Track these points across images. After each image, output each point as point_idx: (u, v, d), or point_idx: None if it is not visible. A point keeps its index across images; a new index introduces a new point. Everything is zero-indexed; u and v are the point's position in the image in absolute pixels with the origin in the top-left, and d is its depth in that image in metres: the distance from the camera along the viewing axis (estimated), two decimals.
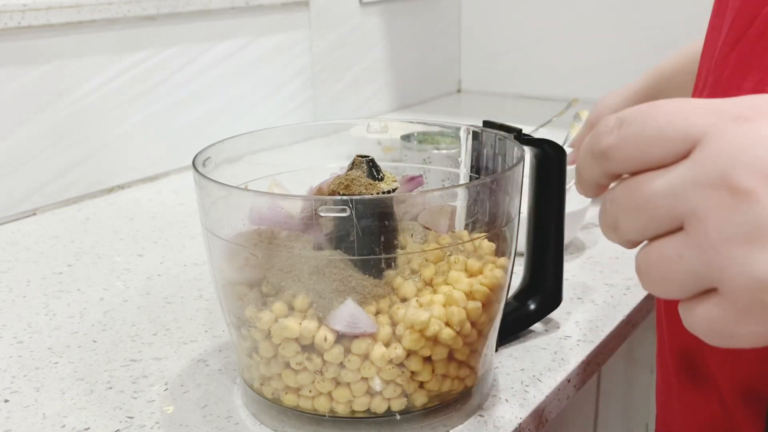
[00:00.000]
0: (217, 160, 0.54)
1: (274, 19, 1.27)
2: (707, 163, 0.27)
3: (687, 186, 0.27)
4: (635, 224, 0.29)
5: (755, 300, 0.26)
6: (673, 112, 0.28)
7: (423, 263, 0.48)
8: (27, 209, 0.98)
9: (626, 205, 0.29)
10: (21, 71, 0.95)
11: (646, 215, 0.28)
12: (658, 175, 0.28)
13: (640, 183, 0.28)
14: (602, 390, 0.83)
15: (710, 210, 0.27)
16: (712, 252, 0.26)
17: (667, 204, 0.28)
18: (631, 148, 0.29)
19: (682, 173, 0.27)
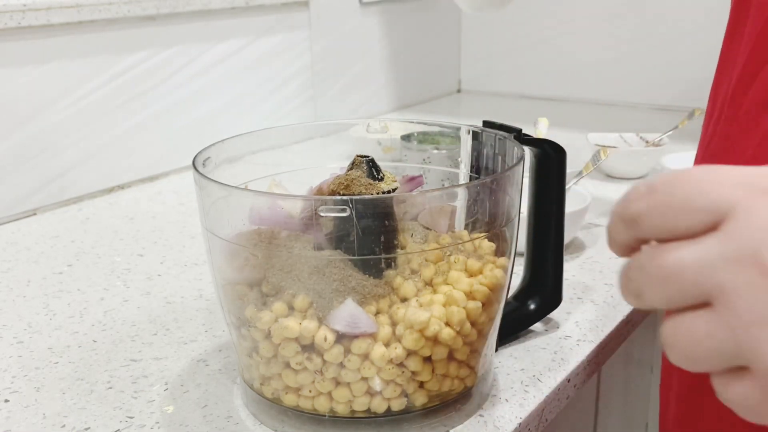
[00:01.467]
0: (217, 160, 0.54)
1: (274, 19, 1.27)
2: (737, 239, 0.26)
3: (716, 261, 0.27)
4: (661, 295, 0.28)
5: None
6: (702, 180, 0.28)
7: (423, 263, 0.48)
8: (27, 209, 0.98)
9: (653, 275, 0.28)
10: (21, 71, 0.95)
11: (673, 287, 0.28)
12: (687, 246, 0.28)
13: (668, 253, 0.28)
14: (602, 390, 0.83)
15: (740, 289, 0.26)
16: (743, 332, 0.26)
17: (695, 278, 0.27)
18: (659, 217, 0.28)
19: (711, 247, 0.27)
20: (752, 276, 0.26)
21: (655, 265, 0.28)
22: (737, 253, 0.26)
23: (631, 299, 0.30)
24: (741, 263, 0.26)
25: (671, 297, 0.28)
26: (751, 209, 0.27)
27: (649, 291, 0.29)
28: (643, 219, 0.29)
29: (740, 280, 0.26)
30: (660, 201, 0.28)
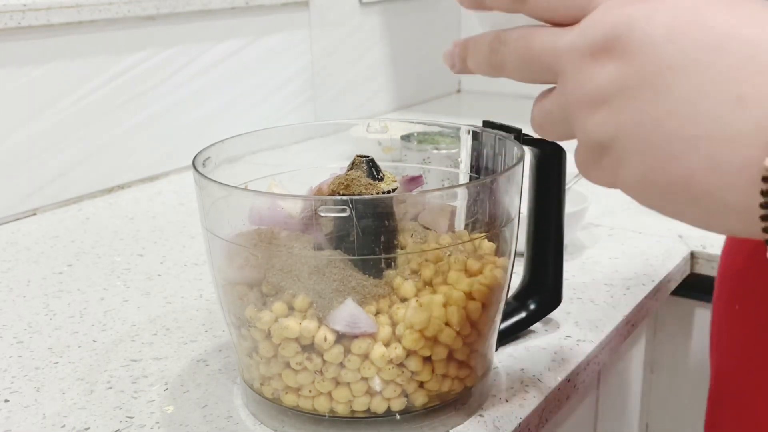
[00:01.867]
0: (217, 160, 0.54)
1: (274, 19, 1.27)
2: (583, 33, 0.31)
3: (564, 48, 0.32)
4: (522, 72, 0.34)
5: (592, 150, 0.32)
6: None
7: (423, 263, 0.48)
8: (27, 209, 0.98)
9: (517, 55, 0.34)
10: (21, 71, 0.95)
11: (532, 67, 0.34)
12: (551, 34, 0.33)
13: (534, 37, 0.34)
14: (602, 390, 0.83)
15: (571, 74, 0.32)
16: (568, 110, 0.32)
17: (549, 61, 0.33)
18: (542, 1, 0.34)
19: (566, 36, 0.32)
20: (583, 63, 0.31)
21: (523, 45, 0.34)
22: (580, 42, 0.31)
23: (489, 69, 0.36)
24: (579, 52, 0.31)
25: (529, 74, 0.34)
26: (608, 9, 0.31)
27: (512, 66, 0.35)
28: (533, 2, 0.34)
29: (574, 65, 0.31)
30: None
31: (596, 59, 0.31)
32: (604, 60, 0.30)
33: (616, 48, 0.30)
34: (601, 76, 0.30)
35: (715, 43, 0.28)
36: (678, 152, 0.28)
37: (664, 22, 0.29)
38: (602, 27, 0.31)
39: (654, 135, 0.29)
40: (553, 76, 0.33)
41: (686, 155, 0.28)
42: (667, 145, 0.29)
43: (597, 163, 0.32)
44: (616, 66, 0.30)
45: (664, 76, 0.29)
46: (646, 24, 0.29)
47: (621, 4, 0.31)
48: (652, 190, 0.30)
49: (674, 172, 0.29)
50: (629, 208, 0.94)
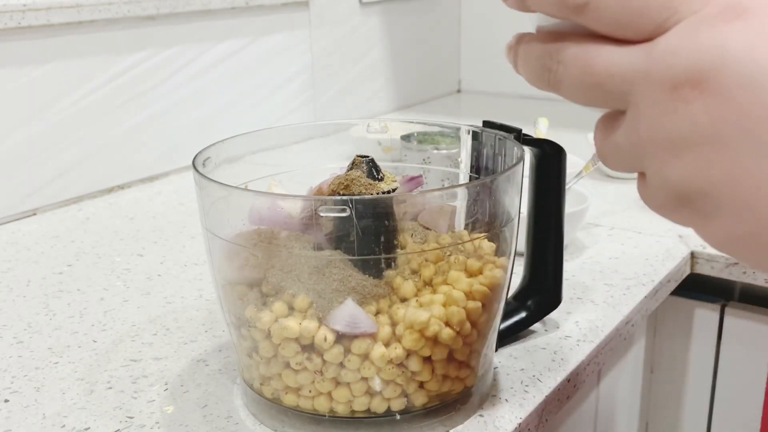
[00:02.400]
0: (217, 160, 0.54)
1: (274, 19, 1.27)
2: (662, 59, 0.26)
3: (638, 77, 0.27)
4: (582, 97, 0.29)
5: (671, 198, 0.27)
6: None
7: (423, 263, 0.48)
8: (27, 209, 0.98)
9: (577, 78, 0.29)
10: (21, 71, 0.95)
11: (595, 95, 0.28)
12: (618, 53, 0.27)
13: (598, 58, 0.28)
14: (602, 390, 0.83)
15: (646, 108, 0.27)
16: (641, 149, 0.28)
17: (618, 90, 0.28)
18: (607, 13, 0.27)
19: (640, 61, 0.27)
20: (662, 99, 0.26)
21: (580, 66, 0.28)
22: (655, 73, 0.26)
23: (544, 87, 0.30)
24: (657, 84, 0.26)
25: (591, 101, 0.29)
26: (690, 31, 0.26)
27: (569, 88, 0.29)
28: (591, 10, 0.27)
29: (650, 99, 0.26)
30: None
31: (679, 95, 0.26)
32: (690, 97, 0.25)
33: (706, 84, 0.25)
34: (685, 115, 0.26)
35: None
36: None
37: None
38: (688, 56, 0.25)
39: (756, 195, 0.25)
40: (622, 105, 0.28)
41: None
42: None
43: (676, 210, 0.28)
44: (705, 106, 0.25)
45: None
46: (746, 57, 0.24)
47: (711, 22, 0.25)
48: (748, 251, 0.27)
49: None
50: (629, 208, 0.94)
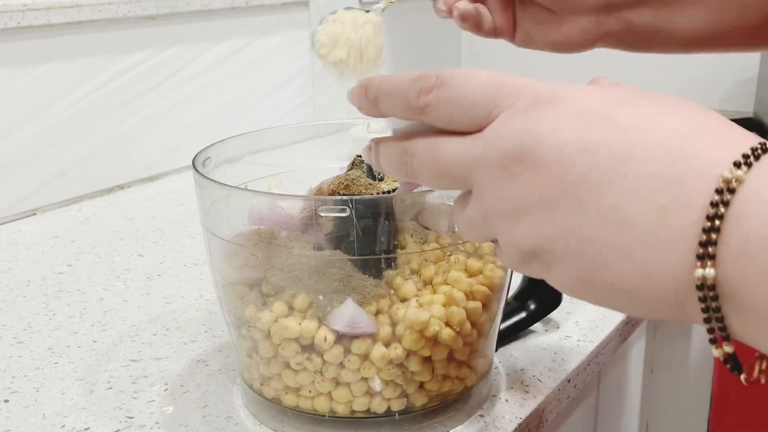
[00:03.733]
0: (217, 160, 0.54)
1: (274, 19, 1.26)
2: (491, 145, 0.31)
3: (475, 161, 0.32)
4: (435, 183, 0.34)
5: (519, 256, 0.32)
6: (486, 87, 0.32)
7: (423, 263, 0.48)
8: (27, 209, 0.98)
9: (428, 168, 0.34)
10: (21, 71, 0.95)
11: (444, 180, 0.34)
12: (458, 145, 0.33)
13: (442, 151, 0.33)
14: (602, 390, 0.83)
15: (486, 187, 0.32)
16: (490, 221, 0.32)
17: (462, 175, 0.33)
18: (444, 111, 0.33)
19: (474, 149, 0.32)
20: (497, 177, 0.31)
21: (429, 159, 0.34)
22: (489, 156, 0.31)
23: (404, 176, 0.36)
24: (491, 165, 0.31)
25: (443, 185, 0.34)
26: (510, 118, 0.31)
27: (424, 177, 0.35)
28: (430, 110, 0.33)
29: (488, 178, 0.31)
30: (448, 96, 0.32)
31: (508, 171, 0.30)
32: (518, 171, 0.30)
33: (527, 159, 0.30)
34: (516, 187, 0.30)
35: (627, 151, 0.28)
36: (611, 261, 0.29)
37: (574, 131, 0.29)
38: (509, 138, 0.30)
39: (584, 245, 0.29)
40: (467, 186, 0.33)
41: (619, 263, 0.28)
42: (598, 254, 0.29)
43: (525, 264, 0.32)
44: (531, 177, 0.30)
45: (584, 187, 0.29)
46: (553, 135, 0.29)
47: (524, 111, 0.31)
48: (586, 292, 0.31)
49: (608, 278, 0.29)
50: None
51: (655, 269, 0.28)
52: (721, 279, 0.26)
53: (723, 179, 0.26)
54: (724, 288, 0.26)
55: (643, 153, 0.28)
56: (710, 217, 0.26)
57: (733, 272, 0.26)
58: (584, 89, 0.31)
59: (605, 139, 0.29)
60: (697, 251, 0.26)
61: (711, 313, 0.27)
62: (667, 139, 0.28)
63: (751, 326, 0.27)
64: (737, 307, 0.26)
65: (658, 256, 0.27)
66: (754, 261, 0.25)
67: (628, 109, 0.29)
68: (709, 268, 0.26)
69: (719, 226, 0.26)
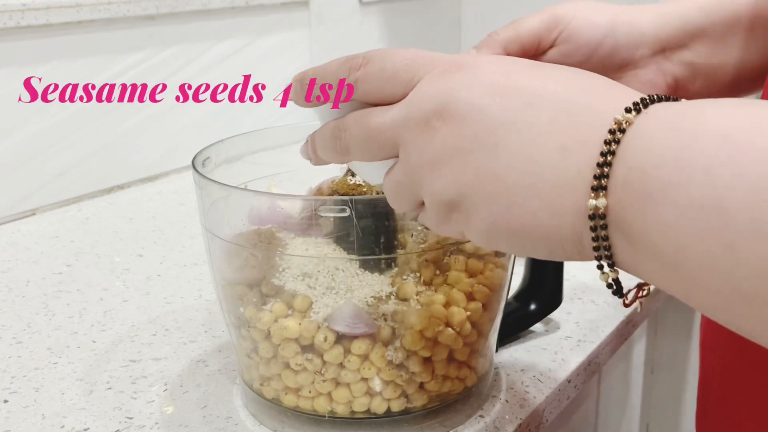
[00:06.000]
0: (216, 160, 0.54)
1: (274, 19, 1.26)
2: (413, 105, 0.35)
3: (400, 122, 0.35)
4: (365, 151, 0.37)
5: (441, 209, 0.35)
6: (406, 59, 0.36)
7: (423, 263, 0.48)
8: (27, 209, 0.98)
9: (358, 136, 0.37)
10: (21, 71, 0.95)
11: (374, 145, 0.37)
12: (384, 113, 0.36)
13: (371, 118, 0.36)
14: (602, 390, 0.83)
15: (410, 143, 0.35)
16: (414, 176, 0.35)
17: (389, 137, 0.36)
18: (370, 85, 0.37)
19: (399, 112, 0.35)
20: (418, 133, 0.34)
21: (360, 127, 0.37)
22: (411, 116, 0.35)
23: (337, 156, 0.39)
24: (413, 123, 0.34)
25: (374, 152, 0.37)
26: (427, 84, 0.35)
27: (355, 148, 0.38)
28: (360, 84, 0.37)
29: (411, 136, 0.35)
30: (373, 71, 0.36)
31: (430, 126, 0.34)
32: (437, 125, 0.34)
33: (446, 114, 0.33)
34: (436, 140, 0.34)
35: (532, 102, 0.32)
36: (520, 200, 0.32)
37: (483, 88, 0.33)
38: (429, 98, 0.34)
39: (496, 187, 0.32)
40: (395, 150, 0.36)
41: (528, 202, 0.31)
42: (509, 195, 0.32)
43: (447, 218, 0.35)
44: (449, 130, 0.33)
45: (495, 134, 0.32)
46: (467, 92, 0.33)
47: (440, 75, 0.34)
48: (500, 236, 0.33)
49: (519, 218, 0.32)
50: None
51: (558, 204, 0.31)
52: (611, 208, 0.29)
53: (615, 121, 0.30)
54: (613, 217, 0.29)
55: (546, 103, 0.32)
56: (603, 153, 0.29)
57: (619, 200, 0.29)
58: (492, 57, 0.36)
59: (512, 91, 0.32)
60: (592, 184, 0.30)
61: (600, 241, 0.30)
62: (568, 91, 0.32)
63: (631, 252, 0.30)
64: (622, 234, 0.30)
65: (561, 192, 0.31)
66: (632, 188, 0.29)
67: (533, 69, 0.34)
68: (601, 198, 0.29)
69: (611, 161, 0.29)
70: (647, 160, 0.28)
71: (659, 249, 0.28)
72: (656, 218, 0.28)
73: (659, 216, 0.28)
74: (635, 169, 0.29)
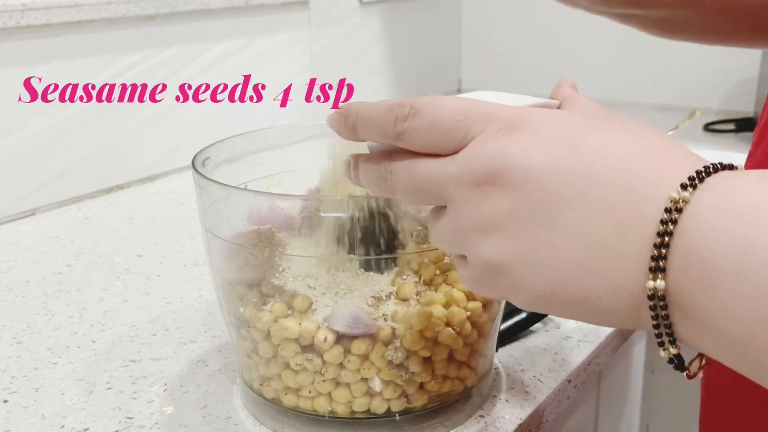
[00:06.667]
0: (216, 160, 0.54)
1: (274, 19, 1.26)
2: (465, 167, 0.33)
3: (450, 180, 0.34)
4: (412, 199, 0.37)
5: (486, 272, 0.34)
6: (457, 115, 0.34)
7: (423, 263, 0.48)
8: (27, 209, 0.98)
9: (406, 184, 0.36)
10: (21, 71, 0.95)
11: (421, 196, 0.36)
12: (434, 165, 0.35)
13: (419, 169, 0.36)
14: (602, 390, 0.83)
15: (459, 204, 0.34)
16: (461, 235, 0.34)
17: (437, 191, 0.35)
18: (420, 138, 0.35)
19: (449, 168, 0.34)
20: (469, 194, 0.33)
21: (407, 176, 0.36)
22: (463, 176, 0.33)
23: (381, 193, 0.38)
24: (464, 184, 0.33)
25: (420, 201, 0.37)
26: (482, 143, 0.33)
27: (401, 193, 0.37)
28: (406, 137, 0.36)
29: (462, 196, 0.34)
30: (422, 125, 0.35)
31: (482, 190, 0.33)
32: (490, 191, 0.33)
33: (500, 180, 0.32)
34: (488, 206, 0.33)
35: (590, 172, 0.31)
36: (575, 276, 0.31)
37: (542, 154, 0.31)
38: (482, 161, 0.33)
39: (550, 261, 0.31)
40: (443, 203, 0.35)
41: (583, 278, 0.31)
42: (564, 270, 0.31)
43: (490, 282, 0.34)
44: (502, 196, 0.32)
45: (550, 206, 0.31)
46: (524, 159, 0.32)
47: (495, 136, 0.33)
48: (551, 306, 0.33)
49: (573, 292, 0.31)
50: None
51: (615, 282, 0.30)
52: (670, 290, 0.29)
53: (671, 199, 0.29)
54: (673, 298, 0.29)
55: (602, 174, 0.30)
56: (660, 233, 0.29)
57: (678, 284, 0.28)
58: (550, 114, 0.34)
59: (569, 162, 0.31)
60: (649, 265, 0.29)
61: (660, 320, 0.29)
62: (625, 162, 0.30)
63: (693, 330, 0.29)
64: (683, 314, 0.29)
65: (617, 269, 0.30)
66: (691, 273, 0.28)
67: (591, 134, 0.32)
68: (659, 281, 0.29)
69: (668, 242, 0.28)
70: (705, 246, 0.28)
71: (724, 332, 0.28)
72: (720, 306, 0.27)
73: (723, 304, 0.27)
74: (694, 254, 0.28)
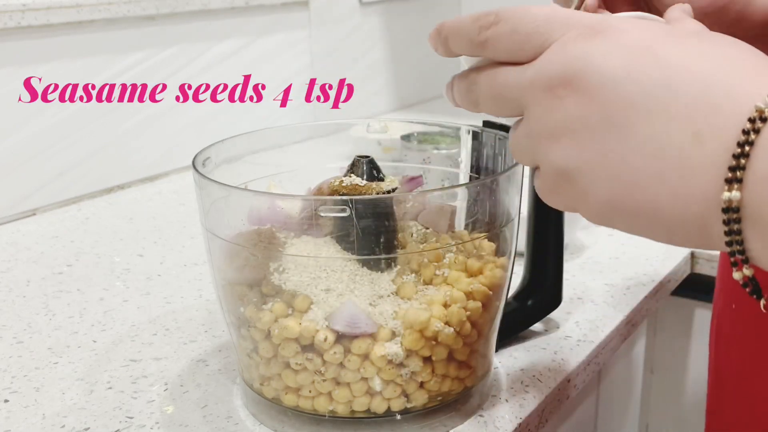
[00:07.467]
0: (216, 160, 0.54)
1: (274, 19, 1.26)
2: (541, 70, 0.33)
3: (526, 85, 0.34)
4: (492, 107, 0.37)
5: (556, 179, 0.34)
6: (538, 21, 0.34)
7: (423, 263, 0.48)
8: (27, 209, 0.98)
9: (486, 92, 0.37)
10: (21, 71, 0.95)
11: (499, 102, 0.36)
12: (511, 72, 0.35)
13: (498, 76, 0.36)
14: (602, 390, 0.83)
15: (533, 108, 0.34)
16: (534, 141, 0.34)
17: (515, 97, 0.35)
18: (501, 45, 0.35)
19: (527, 73, 0.34)
20: (544, 99, 0.33)
21: (488, 85, 0.37)
22: (539, 80, 0.33)
23: (469, 107, 0.39)
24: (540, 88, 0.33)
25: (499, 109, 0.37)
26: (562, 47, 0.33)
27: (483, 103, 0.38)
28: (490, 44, 0.36)
29: (536, 101, 0.33)
30: (506, 31, 0.35)
31: (556, 94, 0.32)
32: (564, 95, 0.32)
33: (575, 84, 0.32)
34: (561, 110, 0.32)
35: (670, 81, 0.30)
36: (644, 184, 0.30)
37: (621, 60, 0.31)
38: (559, 64, 0.32)
39: (620, 169, 0.31)
40: (521, 110, 0.35)
41: (652, 187, 0.30)
42: (633, 178, 0.30)
43: (559, 189, 0.34)
44: (576, 101, 0.32)
45: (626, 114, 0.30)
46: (603, 62, 0.31)
47: (576, 39, 0.32)
48: (617, 217, 0.32)
49: (641, 201, 0.31)
50: None
51: (686, 192, 0.29)
52: (746, 202, 0.28)
53: (757, 109, 0.27)
54: (748, 211, 0.28)
55: (685, 84, 0.29)
56: (740, 143, 0.27)
57: (757, 197, 0.27)
58: (634, 22, 0.33)
59: (649, 70, 0.30)
60: (726, 175, 0.28)
61: (733, 236, 0.28)
62: (707, 72, 0.29)
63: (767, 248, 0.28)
64: (758, 230, 0.28)
65: (689, 180, 0.29)
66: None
67: (674, 44, 0.31)
68: (735, 191, 0.28)
69: (749, 152, 0.27)
70: None
71: None
72: None
73: None
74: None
